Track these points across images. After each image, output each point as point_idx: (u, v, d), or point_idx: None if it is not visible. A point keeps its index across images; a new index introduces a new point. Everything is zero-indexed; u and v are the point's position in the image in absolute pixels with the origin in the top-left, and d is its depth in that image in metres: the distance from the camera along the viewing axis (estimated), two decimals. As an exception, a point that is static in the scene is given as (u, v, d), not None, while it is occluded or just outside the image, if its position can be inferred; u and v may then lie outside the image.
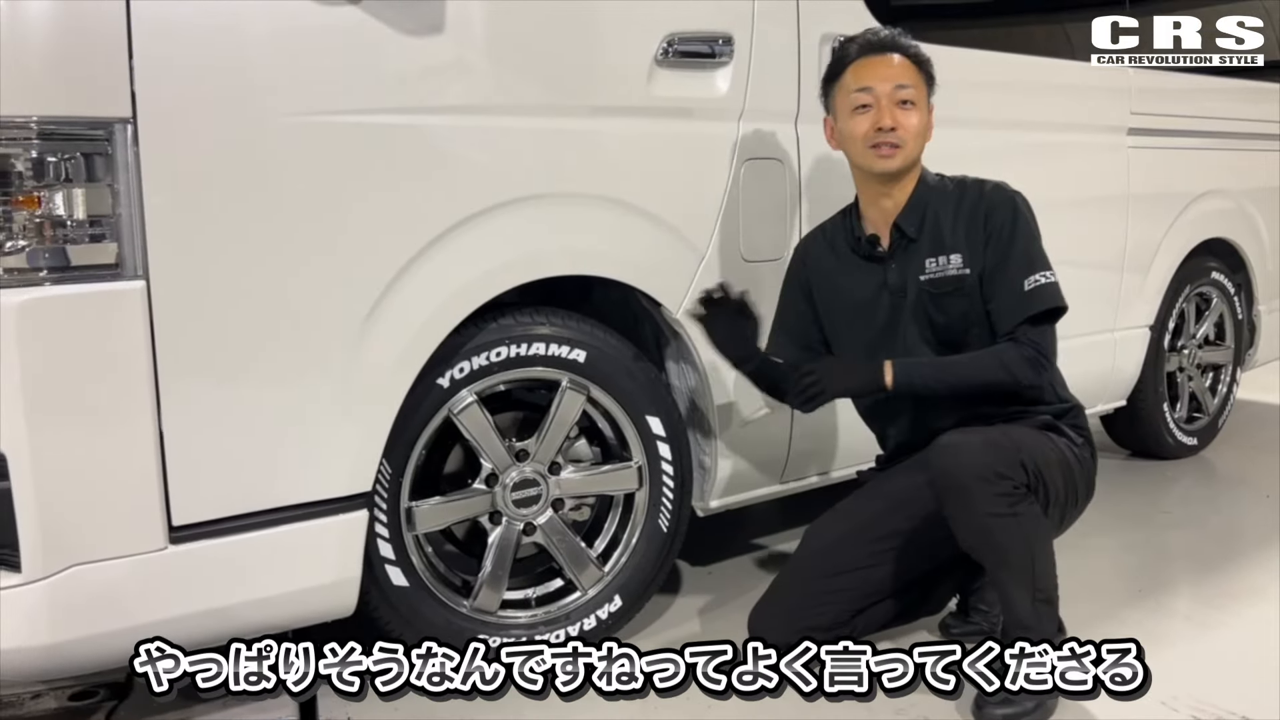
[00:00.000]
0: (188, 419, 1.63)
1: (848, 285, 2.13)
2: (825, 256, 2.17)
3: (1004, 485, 1.85)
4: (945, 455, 1.89)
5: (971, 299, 2.03)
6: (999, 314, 2.00)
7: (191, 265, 1.62)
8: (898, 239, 2.07)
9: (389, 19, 1.75)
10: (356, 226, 1.75)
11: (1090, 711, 1.94)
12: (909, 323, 2.07)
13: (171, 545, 1.65)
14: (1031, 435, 1.97)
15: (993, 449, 1.87)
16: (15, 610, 1.57)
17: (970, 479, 1.85)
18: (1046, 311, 1.98)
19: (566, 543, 2.16)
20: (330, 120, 1.71)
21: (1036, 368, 1.97)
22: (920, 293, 2.05)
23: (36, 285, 1.53)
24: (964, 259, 2.02)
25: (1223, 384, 3.88)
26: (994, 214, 2.01)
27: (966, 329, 2.04)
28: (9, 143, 1.51)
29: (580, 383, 2.10)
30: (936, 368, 2.01)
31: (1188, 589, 2.62)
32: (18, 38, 1.49)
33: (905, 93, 2.00)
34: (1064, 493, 1.99)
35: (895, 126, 1.99)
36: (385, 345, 1.80)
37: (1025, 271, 1.98)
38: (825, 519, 2.17)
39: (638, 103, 2.06)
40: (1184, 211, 3.45)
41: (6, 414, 1.52)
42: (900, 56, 2.03)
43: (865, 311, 2.11)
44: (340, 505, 1.80)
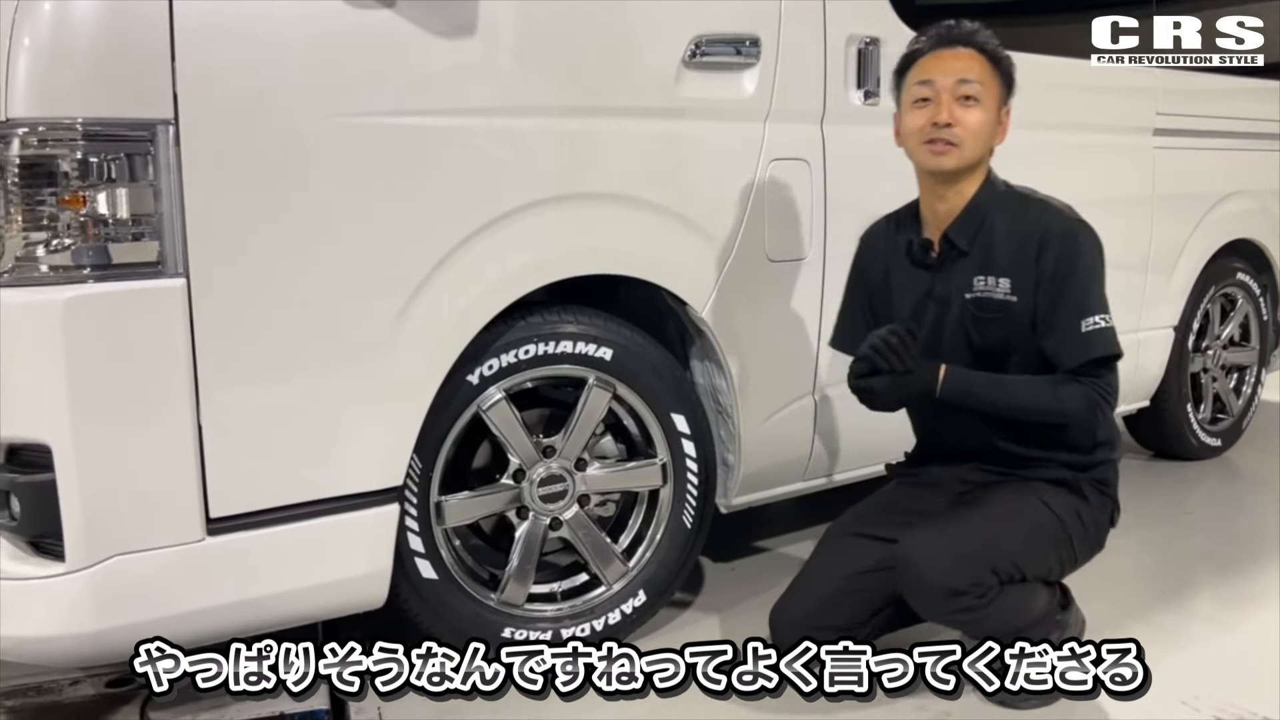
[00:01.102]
0: (226, 413, 1.67)
1: (899, 284, 2.10)
2: (887, 248, 2.13)
3: (966, 600, 1.86)
4: (910, 567, 1.89)
5: (1014, 327, 1.96)
6: (1055, 353, 1.93)
7: (230, 264, 1.65)
8: (947, 249, 2.01)
9: (422, 21, 1.78)
10: (390, 226, 1.78)
11: (1112, 712, 1.96)
12: (950, 335, 2.03)
13: (209, 537, 1.69)
14: (1021, 519, 1.94)
15: (961, 562, 1.86)
16: (59, 598, 1.61)
17: (934, 597, 1.88)
18: (1104, 356, 1.92)
19: (592, 538, 2.19)
20: (364, 122, 1.74)
21: (1093, 409, 1.91)
22: (964, 309, 2.00)
23: (81, 283, 1.57)
24: (1012, 284, 1.95)
25: (1247, 385, 3.86)
26: (1049, 246, 1.92)
27: (1006, 355, 1.98)
28: (55, 143, 1.55)
29: (607, 380, 2.13)
30: (989, 384, 1.95)
31: (1210, 590, 2.62)
32: (63, 41, 1.54)
33: (968, 88, 1.91)
34: (1057, 566, 2.00)
35: (951, 123, 1.91)
36: (417, 343, 1.83)
37: (1081, 313, 1.90)
38: (847, 518, 2.17)
39: (665, 104, 2.09)
40: (1209, 212, 3.44)
41: (51, 407, 1.56)
42: (972, 50, 1.95)
43: (912, 313, 2.07)
44: (372, 499, 1.83)
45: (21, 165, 1.54)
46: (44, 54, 1.53)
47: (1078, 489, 2.00)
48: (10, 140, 1.54)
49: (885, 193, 2.23)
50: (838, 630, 1.98)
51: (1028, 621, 1.95)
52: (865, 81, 2.37)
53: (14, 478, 1.62)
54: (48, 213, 1.57)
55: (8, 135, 1.53)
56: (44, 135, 1.54)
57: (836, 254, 2.37)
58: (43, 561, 1.64)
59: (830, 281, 2.38)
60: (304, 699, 1.79)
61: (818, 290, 2.38)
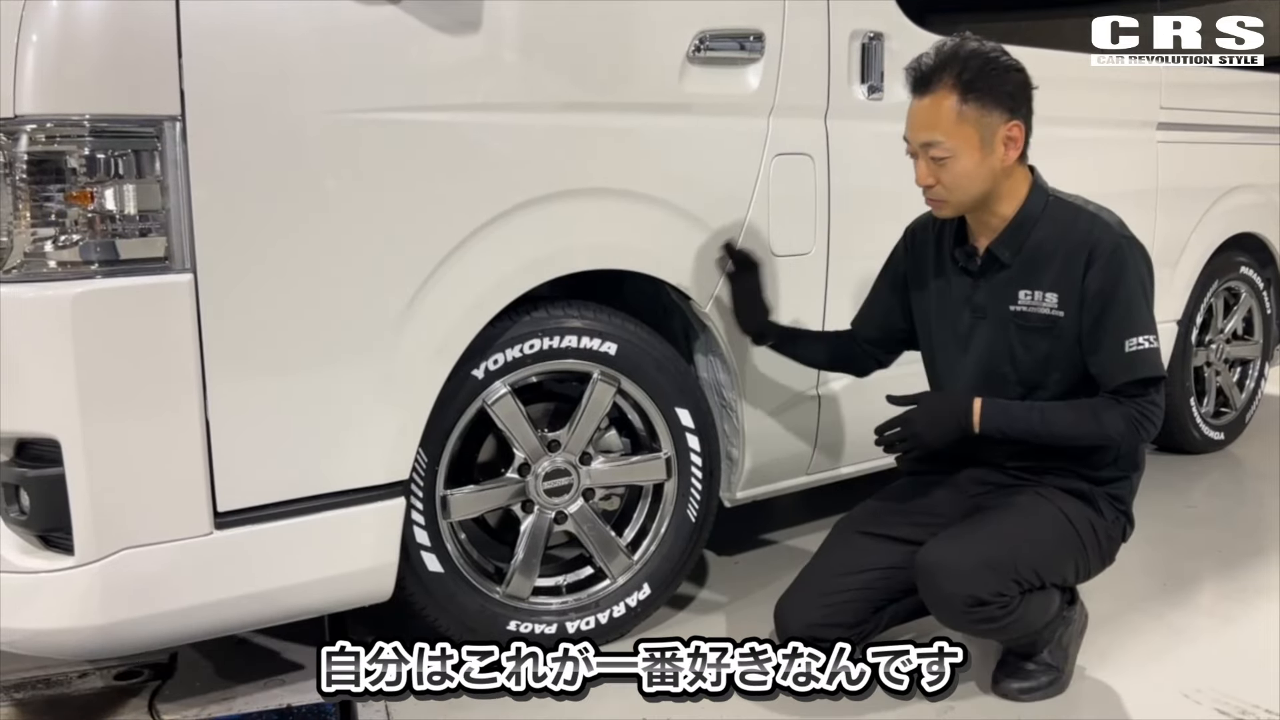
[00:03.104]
0: (233, 408, 1.68)
1: (936, 285, 2.07)
2: (929, 246, 2.09)
3: (990, 610, 1.85)
4: (932, 577, 1.87)
5: (1060, 342, 1.92)
6: (1099, 371, 1.90)
7: (237, 259, 1.66)
8: (990, 261, 1.97)
9: (427, 17, 1.79)
10: (395, 221, 1.79)
11: (1113, 704, 1.97)
12: (988, 347, 1.99)
13: (217, 530, 1.70)
14: (1042, 529, 1.92)
15: (984, 572, 1.83)
16: (68, 592, 1.62)
17: (957, 607, 1.86)
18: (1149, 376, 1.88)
19: (597, 531, 2.20)
20: (370, 117, 1.75)
21: (1136, 431, 1.87)
22: (1007, 322, 1.96)
23: (89, 278, 1.57)
24: (1059, 300, 1.91)
25: (1250, 379, 3.86)
26: (1096, 261, 1.87)
27: (1048, 371, 1.95)
28: (63, 140, 1.56)
29: (611, 375, 2.14)
30: (1029, 421, 1.90)
31: (1212, 583, 2.63)
32: (71, 37, 1.54)
33: (934, 149, 1.86)
34: (1073, 575, 1.99)
35: (930, 183, 1.89)
36: (423, 337, 1.84)
37: (1126, 332, 1.86)
38: (857, 515, 2.15)
39: (670, 99, 2.09)
40: (1213, 206, 3.44)
41: (60, 402, 1.57)
42: (940, 93, 1.85)
43: (948, 316, 2.05)
44: (379, 493, 1.84)
45: (30, 161, 1.55)
46: (52, 50, 1.53)
47: (1093, 501, 1.98)
48: (18, 136, 1.54)
49: (889, 187, 2.24)
50: (846, 628, 1.99)
51: (1043, 624, 1.96)
52: (869, 77, 2.37)
53: (23, 472, 1.63)
54: (55, 209, 1.57)
55: (16, 131, 1.54)
56: (52, 131, 1.55)
57: (840, 249, 2.38)
58: (52, 555, 1.65)
59: (834, 276, 2.39)
60: (310, 694, 1.81)
61: (821, 285, 2.38)
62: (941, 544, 1.90)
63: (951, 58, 1.86)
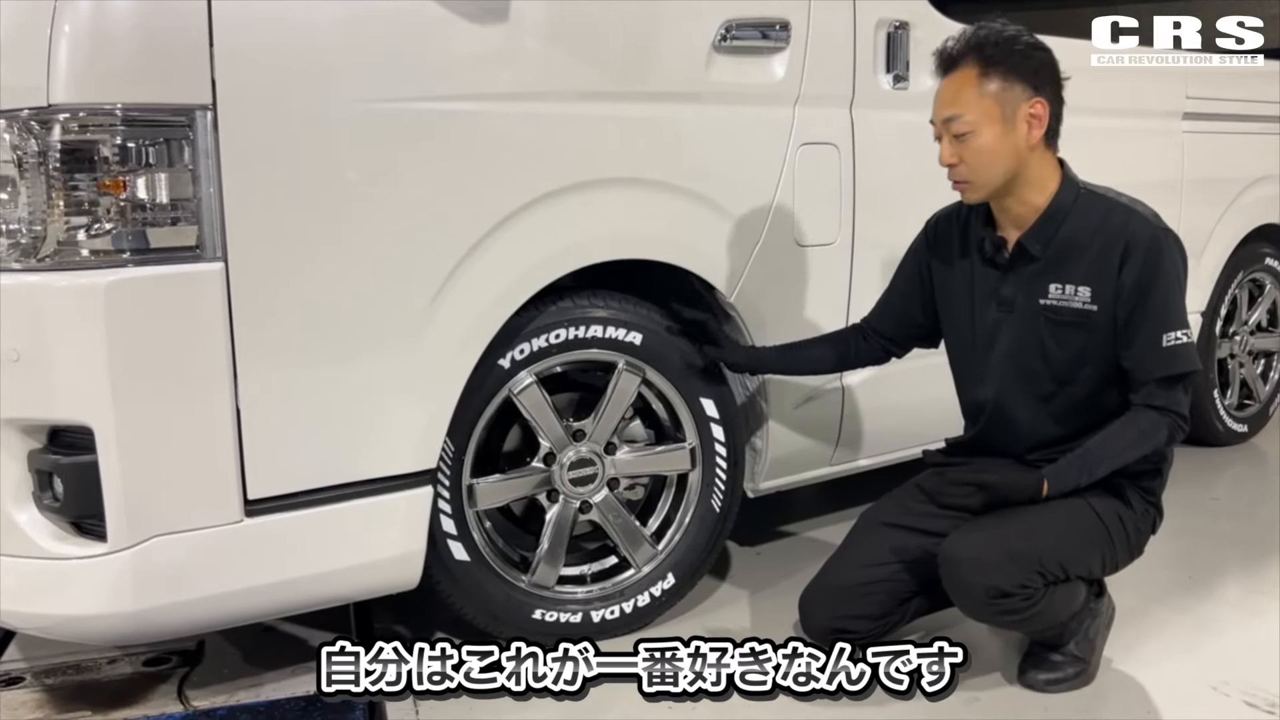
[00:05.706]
0: (263, 396, 1.69)
1: (960, 278, 2.05)
2: (953, 238, 2.07)
3: (1013, 602, 1.84)
4: (956, 569, 1.87)
5: (1093, 336, 1.90)
6: (1132, 365, 1.88)
7: (268, 248, 1.67)
8: (1019, 254, 1.95)
9: (455, 7, 1.79)
10: (423, 211, 1.79)
11: (1140, 697, 1.96)
12: (1017, 341, 1.97)
13: (247, 518, 1.71)
14: (1068, 522, 1.89)
15: (1008, 565, 1.82)
16: (101, 578, 1.64)
17: (981, 599, 1.86)
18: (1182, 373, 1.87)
19: (621, 521, 2.20)
20: (397, 107, 1.75)
21: (1175, 434, 1.88)
22: (1037, 316, 1.94)
23: (121, 267, 1.58)
24: (1092, 293, 1.89)
25: (1274, 371, 3.84)
26: (1133, 254, 1.85)
27: (1080, 367, 1.93)
28: (95, 129, 1.56)
29: (636, 365, 2.14)
30: (1088, 469, 1.88)
31: (1238, 576, 2.61)
32: (103, 27, 1.55)
33: (955, 125, 1.85)
34: (1099, 568, 1.98)
35: (953, 162, 1.87)
36: (450, 327, 1.84)
37: (1163, 326, 1.85)
38: (883, 506, 2.15)
39: (696, 88, 2.09)
40: (1238, 197, 3.42)
41: (93, 390, 1.58)
42: (962, 72, 1.85)
43: (974, 310, 2.03)
44: (406, 481, 1.85)
45: (63, 150, 1.56)
46: (85, 40, 1.54)
47: (1122, 494, 1.96)
48: (51, 126, 1.55)
49: (914, 177, 2.23)
50: (872, 620, 2.00)
51: (1068, 616, 1.96)
52: (894, 66, 2.36)
53: (57, 459, 1.64)
54: (88, 198, 1.58)
55: (49, 121, 1.55)
56: (84, 121, 1.56)
57: (865, 239, 2.37)
58: (85, 542, 1.66)
59: (859, 266, 2.38)
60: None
61: (846, 275, 2.38)
62: (965, 535, 1.89)
63: (976, 37, 1.87)
